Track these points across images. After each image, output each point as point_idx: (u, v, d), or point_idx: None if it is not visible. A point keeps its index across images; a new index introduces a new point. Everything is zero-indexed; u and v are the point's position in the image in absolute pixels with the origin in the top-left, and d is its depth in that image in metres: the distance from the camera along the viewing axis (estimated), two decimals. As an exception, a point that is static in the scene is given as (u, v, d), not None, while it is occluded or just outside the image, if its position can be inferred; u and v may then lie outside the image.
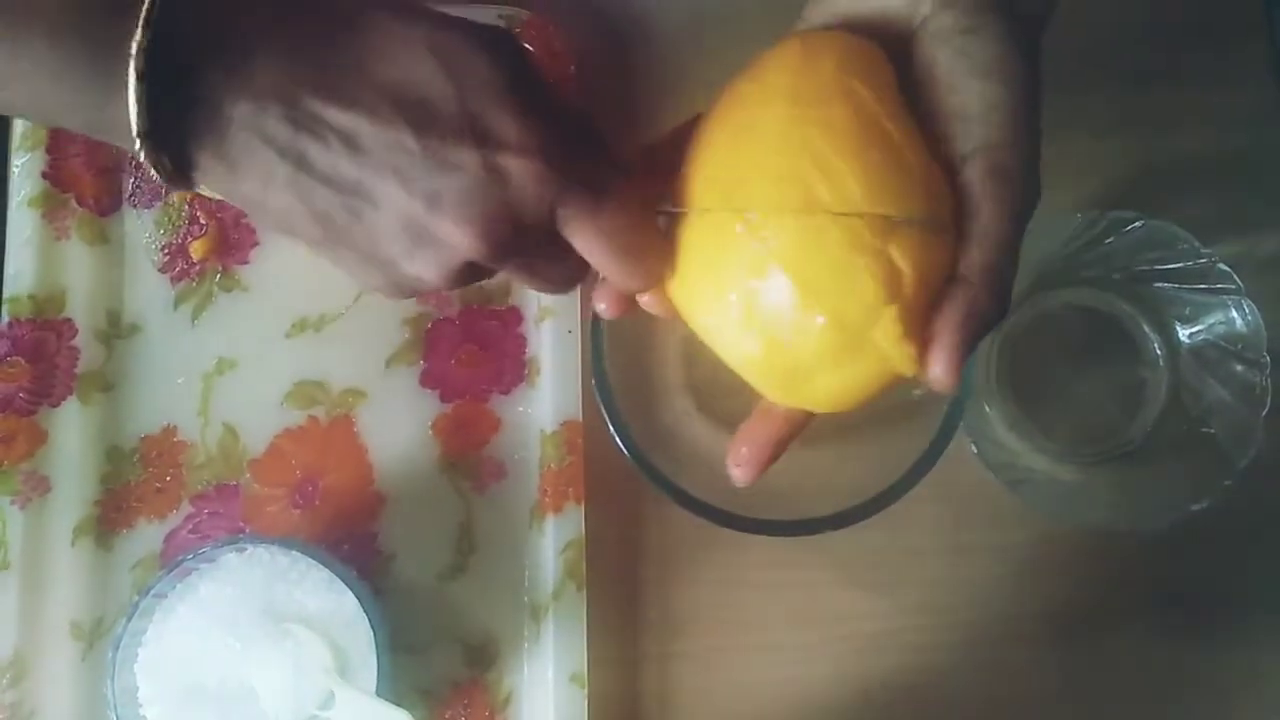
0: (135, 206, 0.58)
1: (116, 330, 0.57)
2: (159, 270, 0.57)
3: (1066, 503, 0.55)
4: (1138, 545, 0.56)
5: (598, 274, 0.37)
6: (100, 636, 0.53)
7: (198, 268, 0.57)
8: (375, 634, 0.49)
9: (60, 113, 0.33)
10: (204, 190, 0.35)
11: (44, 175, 0.56)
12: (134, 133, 0.31)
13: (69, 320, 0.56)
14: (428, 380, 0.57)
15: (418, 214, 0.32)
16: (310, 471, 0.56)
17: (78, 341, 0.56)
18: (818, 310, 0.33)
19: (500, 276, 0.37)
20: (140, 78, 0.31)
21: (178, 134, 0.32)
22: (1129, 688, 0.56)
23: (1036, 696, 0.56)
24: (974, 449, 0.53)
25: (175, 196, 0.58)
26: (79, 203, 0.56)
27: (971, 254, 0.34)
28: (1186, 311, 0.56)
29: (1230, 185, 0.59)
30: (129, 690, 0.49)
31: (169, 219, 0.58)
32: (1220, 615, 0.56)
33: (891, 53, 0.36)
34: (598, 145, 0.36)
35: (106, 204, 0.57)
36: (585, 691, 0.52)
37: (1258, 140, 0.60)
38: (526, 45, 0.57)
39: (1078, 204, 0.53)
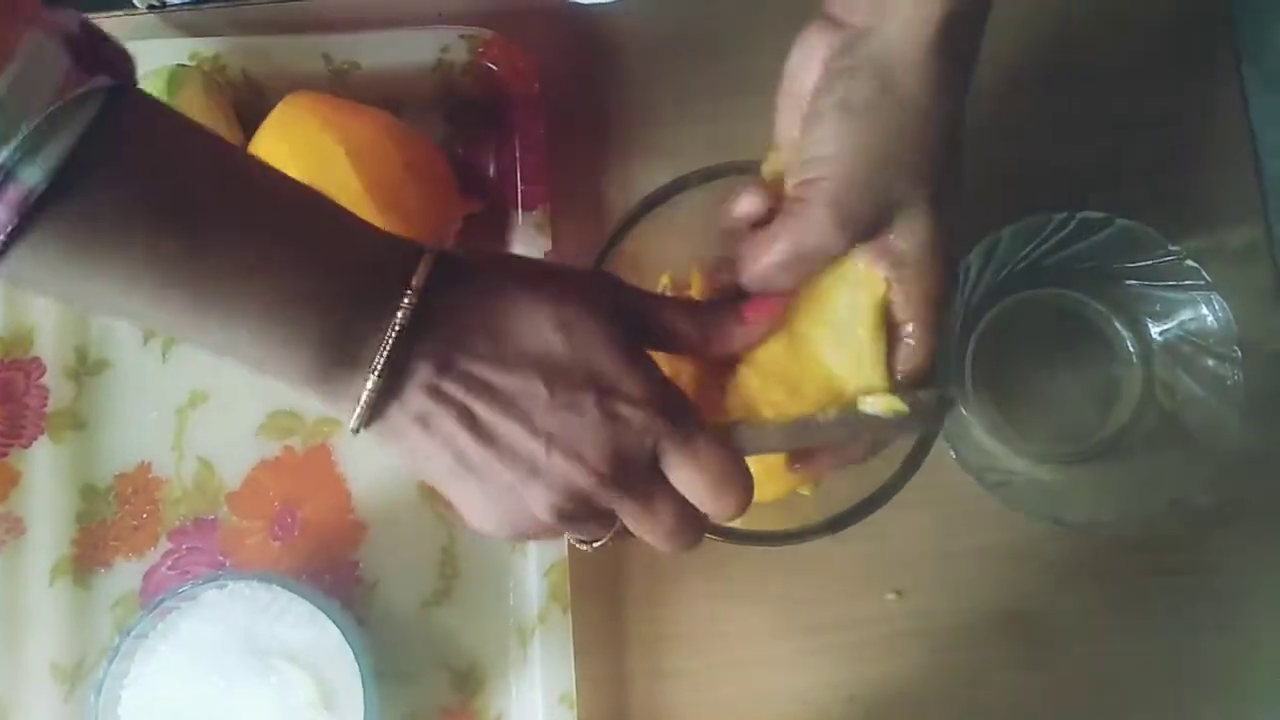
0: (101, 241, 0.57)
1: (86, 367, 0.56)
2: (127, 304, 0.57)
3: (1047, 502, 0.55)
4: (1119, 542, 0.56)
5: None
6: (81, 678, 0.53)
7: (167, 300, 0.57)
8: (360, 665, 0.48)
9: (278, 370, 0.37)
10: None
11: (6, 213, 0.55)
12: (362, 402, 0.37)
13: (37, 359, 0.55)
14: (404, 405, 0.56)
15: (537, 450, 0.37)
16: (288, 502, 0.55)
17: (47, 380, 0.55)
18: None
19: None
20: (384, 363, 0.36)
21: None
22: (1115, 686, 0.56)
23: (1023, 697, 0.56)
24: (953, 454, 0.53)
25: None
26: (43, 239, 0.56)
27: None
28: (1157, 308, 0.56)
29: (1196, 183, 0.60)
30: (113, 733, 0.48)
31: (136, 252, 0.57)
32: (1204, 608, 0.57)
33: None
34: (679, 391, 0.40)
35: (71, 239, 0.57)
36: (575, 712, 0.52)
37: (1222, 138, 0.60)
38: (490, 63, 0.57)
39: (1048, 206, 0.53)
